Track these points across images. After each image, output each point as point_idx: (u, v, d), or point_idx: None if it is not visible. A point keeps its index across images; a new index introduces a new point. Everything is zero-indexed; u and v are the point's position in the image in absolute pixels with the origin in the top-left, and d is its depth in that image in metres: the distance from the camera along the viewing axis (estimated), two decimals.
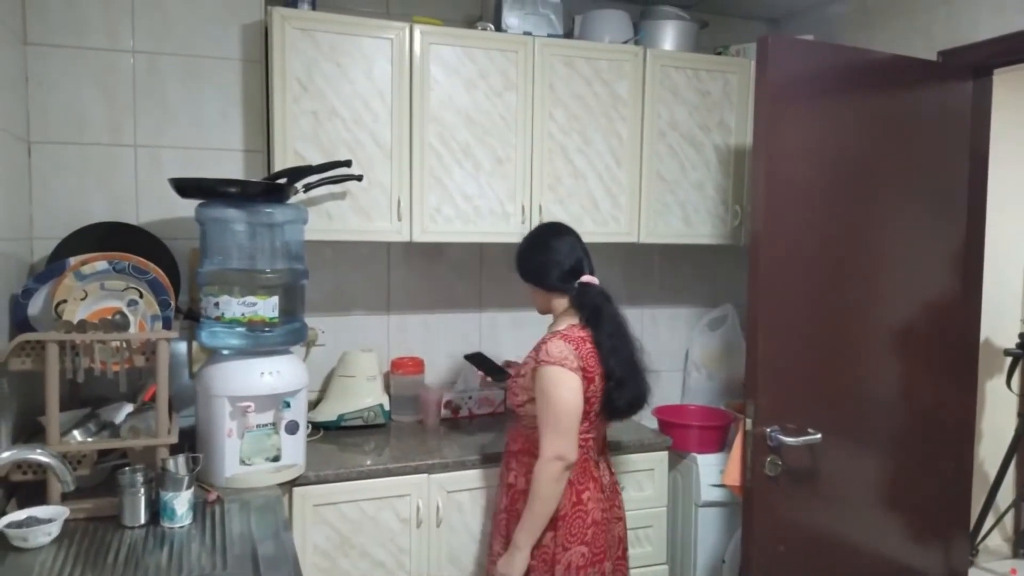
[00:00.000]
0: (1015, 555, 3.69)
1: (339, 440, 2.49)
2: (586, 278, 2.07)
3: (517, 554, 1.97)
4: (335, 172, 2.35)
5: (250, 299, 2.03)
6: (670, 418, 2.86)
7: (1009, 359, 3.35)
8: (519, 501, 2.06)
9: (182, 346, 2.36)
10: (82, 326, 1.80)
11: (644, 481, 2.60)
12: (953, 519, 2.66)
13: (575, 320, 2.03)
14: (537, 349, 2.00)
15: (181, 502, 1.75)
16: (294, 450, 2.11)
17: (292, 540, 1.72)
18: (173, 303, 2.00)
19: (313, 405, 2.61)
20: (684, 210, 2.86)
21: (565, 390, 1.94)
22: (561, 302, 2.08)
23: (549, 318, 2.17)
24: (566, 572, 1.98)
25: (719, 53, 2.98)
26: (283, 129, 2.33)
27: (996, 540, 3.62)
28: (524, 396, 2.05)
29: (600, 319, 2.01)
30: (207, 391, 2.02)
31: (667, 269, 3.27)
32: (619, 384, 2.02)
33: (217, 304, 2.02)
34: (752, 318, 2.25)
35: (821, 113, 2.28)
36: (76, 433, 1.88)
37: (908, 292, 2.47)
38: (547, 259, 2.07)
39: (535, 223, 2.63)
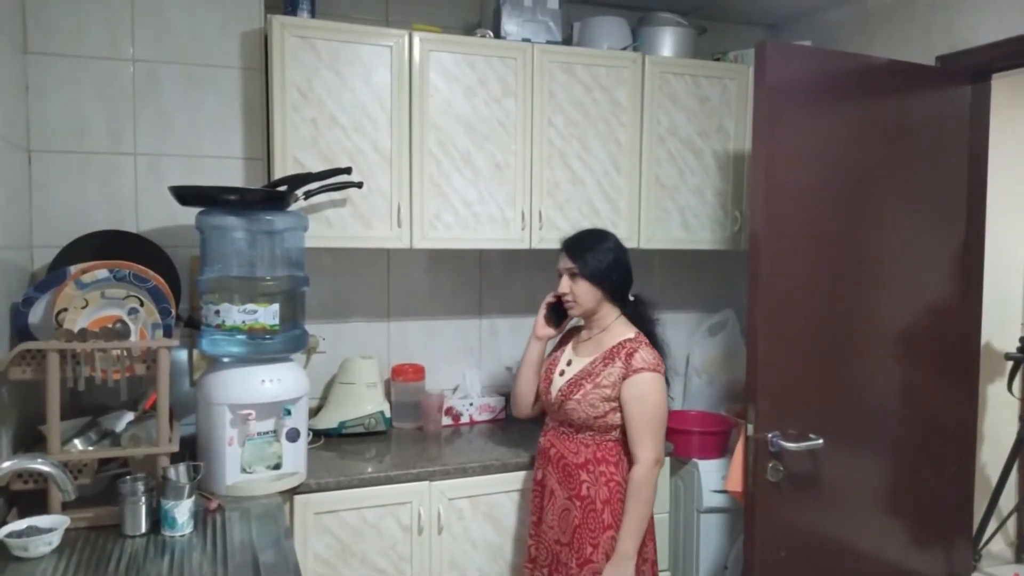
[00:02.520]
0: (1018, 560, 3.69)
1: (340, 447, 2.49)
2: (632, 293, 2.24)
3: (628, 562, 2.02)
4: (335, 179, 2.36)
5: (251, 307, 2.03)
6: (671, 424, 2.84)
7: (1010, 363, 3.34)
8: (603, 511, 2.07)
9: (183, 354, 2.36)
10: (83, 334, 1.80)
11: None
12: (955, 524, 2.65)
13: (630, 330, 2.15)
14: (621, 357, 2.08)
15: (182, 511, 1.75)
16: (295, 458, 2.11)
17: (293, 548, 1.72)
18: (174, 311, 2.00)
19: (314, 412, 2.60)
20: (684, 216, 2.86)
21: (663, 395, 2.09)
22: (613, 311, 2.17)
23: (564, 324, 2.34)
24: (643, 566, 2.11)
25: (717, 59, 2.99)
26: (283, 136, 2.34)
27: (999, 545, 3.62)
28: (606, 407, 2.08)
29: (655, 331, 2.19)
30: (208, 399, 2.02)
31: (667, 274, 3.27)
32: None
33: (218, 312, 2.02)
34: (752, 323, 2.25)
35: (820, 118, 2.29)
36: (77, 442, 1.88)
37: (908, 297, 2.47)
38: (628, 272, 2.18)
39: (535, 229, 2.64)
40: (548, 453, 2.22)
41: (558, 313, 2.27)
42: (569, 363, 2.20)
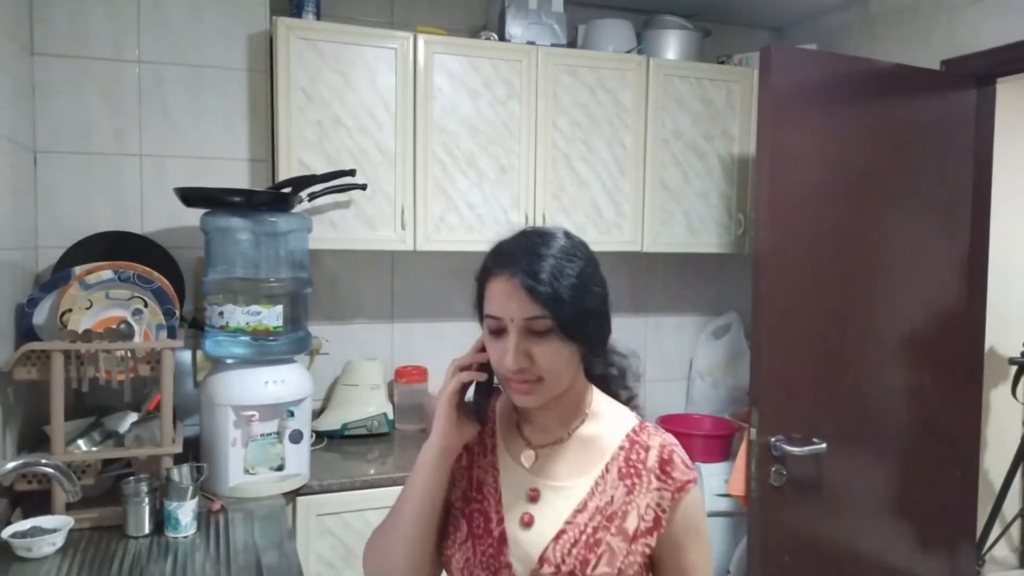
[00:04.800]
0: (1022, 565, 3.67)
1: (343, 449, 2.49)
2: None
3: None
4: (339, 181, 2.36)
5: (254, 308, 2.03)
6: (674, 427, 2.85)
7: (1015, 368, 3.33)
8: None
9: (186, 355, 2.36)
10: (87, 335, 1.81)
11: None
12: (959, 528, 2.64)
13: (616, 407, 1.19)
14: (649, 467, 1.10)
15: (185, 512, 1.75)
16: (298, 459, 2.11)
17: (296, 550, 1.72)
18: (178, 312, 2.01)
19: (317, 414, 2.60)
20: (688, 219, 2.86)
21: None
22: (582, 378, 1.15)
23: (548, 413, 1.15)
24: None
25: (722, 62, 2.98)
26: (288, 138, 2.34)
27: (1003, 550, 3.60)
28: (640, 555, 1.08)
29: (629, 387, 1.25)
30: (211, 400, 2.02)
31: (671, 277, 3.26)
32: None
33: (222, 313, 2.03)
34: (756, 326, 2.24)
35: (824, 122, 2.28)
36: (81, 442, 1.88)
37: (913, 301, 2.47)
38: (607, 302, 1.12)
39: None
40: None
41: (481, 396, 1.14)
42: (535, 495, 1.11)
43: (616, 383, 1.22)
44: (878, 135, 2.36)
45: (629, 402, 1.22)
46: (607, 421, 1.15)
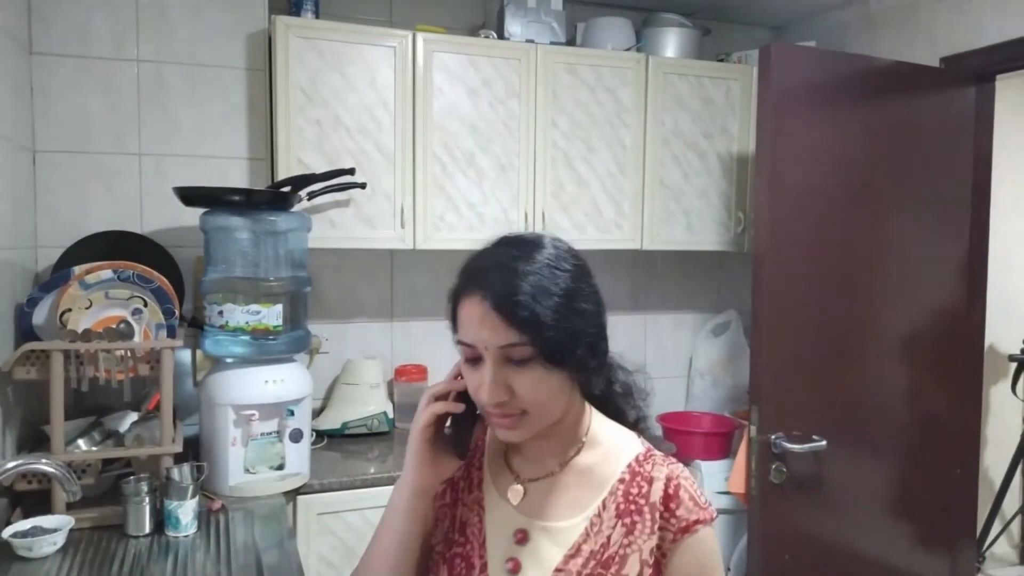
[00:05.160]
0: (1022, 562, 3.68)
1: (343, 448, 2.49)
2: None
3: None
4: (339, 180, 2.36)
5: (254, 307, 2.03)
6: (674, 425, 2.86)
7: (1014, 365, 3.34)
8: None
9: (186, 354, 2.36)
10: (87, 335, 1.80)
11: None
12: (959, 526, 2.64)
13: (619, 431, 1.04)
14: (651, 502, 0.95)
15: (185, 511, 1.75)
16: (298, 458, 2.11)
17: (296, 549, 1.72)
18: (177, 311, 2.01)
19: (317, 413, 2.60)
20: (688, 217, 2.86)
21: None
22: (581, 402, 1.01)
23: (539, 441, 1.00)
24: None
25: (721, 60, 2.98)
26: (287, 137, 2.34)
27: (1003, 547, 3.61)
28: None
29: (637, 408, 1.09)
30: (211, 400, 2.02)
31: (671, 276, 3.26)
32: None
33: (221, 312, 2.02)
34: (756, 324, 2.24)
35: (824, 120, 2.28)
36: (81, 442, 1.88)
37: (912, 298, 2.47)
38: (603, 314, 0.99)
39: (538, 230, 2.62)
40: None
41: (459, 430, 1.02)
42: (522, 537, 0.98)
43: (621, 403, 1.06)
44: (878, 132, 2.36)
45: (637, 425, 1.07)
46: (607, 449, 1.00)
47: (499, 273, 0.89)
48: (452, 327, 0.95)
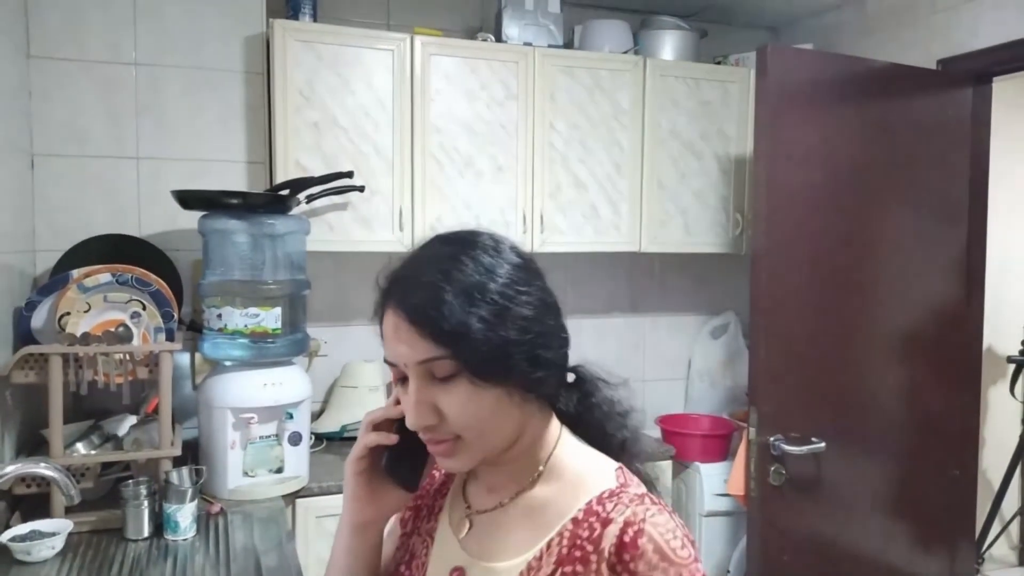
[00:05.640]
0: (1021, 563, 3.68)
1: (342, 451, 2.48)
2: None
3: None
4: (337, 183, 2.36)
5: (253, 310, 2.03)
6: (673, 427, 2.86)
7: (1012, 366, 3.34)
8: None
9: (185, 358, 2.36)
10: (85, 338, 1.80)
11: None
12: (958, 527, 2.64)
13: (596, 459, 0.87)
14: (610, 551, 0.77)
15: (184, 514, 1.75)
16: (297, 461, 2.11)
17: (295, 552, 1.72)
18: (176, 315, 2.01)
19: (316, 416, 2.60)
20: (685, 219, 2.86)
21: None
22: (544, 421, 0.87)
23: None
24: None
25: (718, 62, 2.99)
26: (285, 140, 2.34)
27: (1002, 548, 3.61)
28: None
29: (623, 432, 0.91)
30: (210, 403, 2.02)
31: (668, 278, 3.26)
32: None
33: (220, 315, 2.02)
34: (754, 326, 2.25)
35: (821, 122, 2.29)
36: (79, 446, 1.88)
37: (910, 300, 2.47)
38: (558, 318, 0.85)
39: (536, 232, 2.63)
40: None
41: (403, 460, 0.89)
42: (459, 575, 0.87)
43: (601, 424, 0.89)
44: (875, 134, 2.37)
45: (624, 449, 0.89)
46: (568, 481, 0.84)
47: (415, 280, 0.80)
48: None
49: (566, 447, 0.87)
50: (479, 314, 0.76)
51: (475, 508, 0.89)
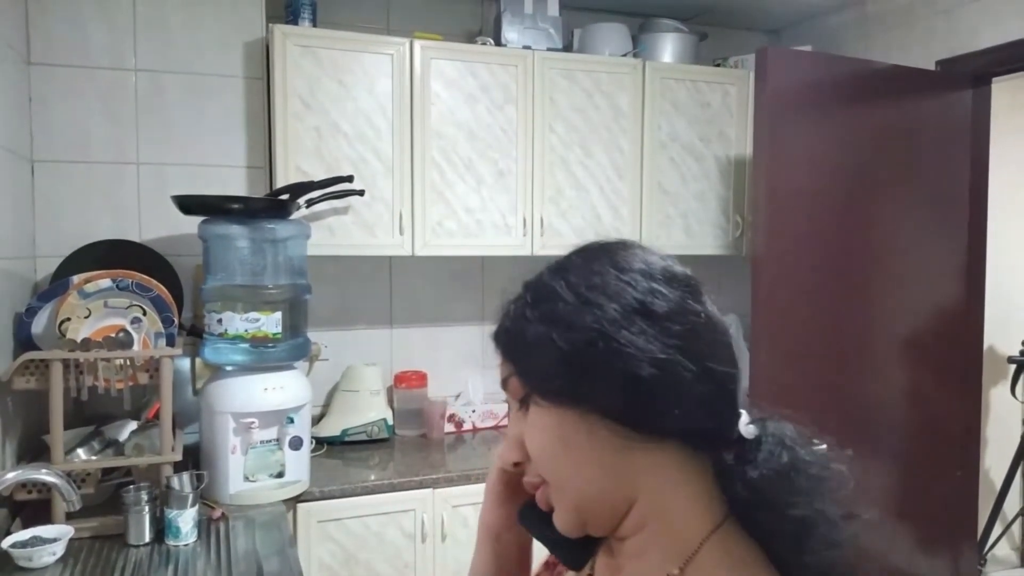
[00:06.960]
0: (1023, 563, 3.67)
1: (343, 455, 2.48)
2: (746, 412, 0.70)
3: None
4: (337, 187, 2.36)
5: (253, 315, 2.03)
6: None
7: (1013, 367, 3.34)
8: None
9: (185, 363, 2.36)
10: (86, 344, 1.80)
11: None
12: (961, 528, 2.64)
13: (741, 562, 0.63)
14: None
15: (186, 520, 1.75)
16: (298, 466, 2.11)
17: (297, 557, 1.71)
18: (176, 320, 2.01)
19: (317, 420, 2.60)
20: (686, 221, 2.86)
21: None
22: (687, 484, 0.65)
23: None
24: None
25: (718, 65, 2.99)
26: (285, 145, 2.34)
27: (1004, 549, 3.60)
28: None
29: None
30: (211, 408, 2.02)
31: None
32: None
33: (220, 320, 2.02)
34: (755, 328, 2.25)
35: (821, 123, 2.29)
36: (80, 451, 1.88)
37: (911, 301, 2.47)
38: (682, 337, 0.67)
39: (537, 236, 2.63)
40: None
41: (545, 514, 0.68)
42: None
43: (789, 531, 0.64)
44: (874, 136, 2.37)
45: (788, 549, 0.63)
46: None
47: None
48: None
49: (719, 552, 0.59)
50: (532, 317, 0.64)
51: None
